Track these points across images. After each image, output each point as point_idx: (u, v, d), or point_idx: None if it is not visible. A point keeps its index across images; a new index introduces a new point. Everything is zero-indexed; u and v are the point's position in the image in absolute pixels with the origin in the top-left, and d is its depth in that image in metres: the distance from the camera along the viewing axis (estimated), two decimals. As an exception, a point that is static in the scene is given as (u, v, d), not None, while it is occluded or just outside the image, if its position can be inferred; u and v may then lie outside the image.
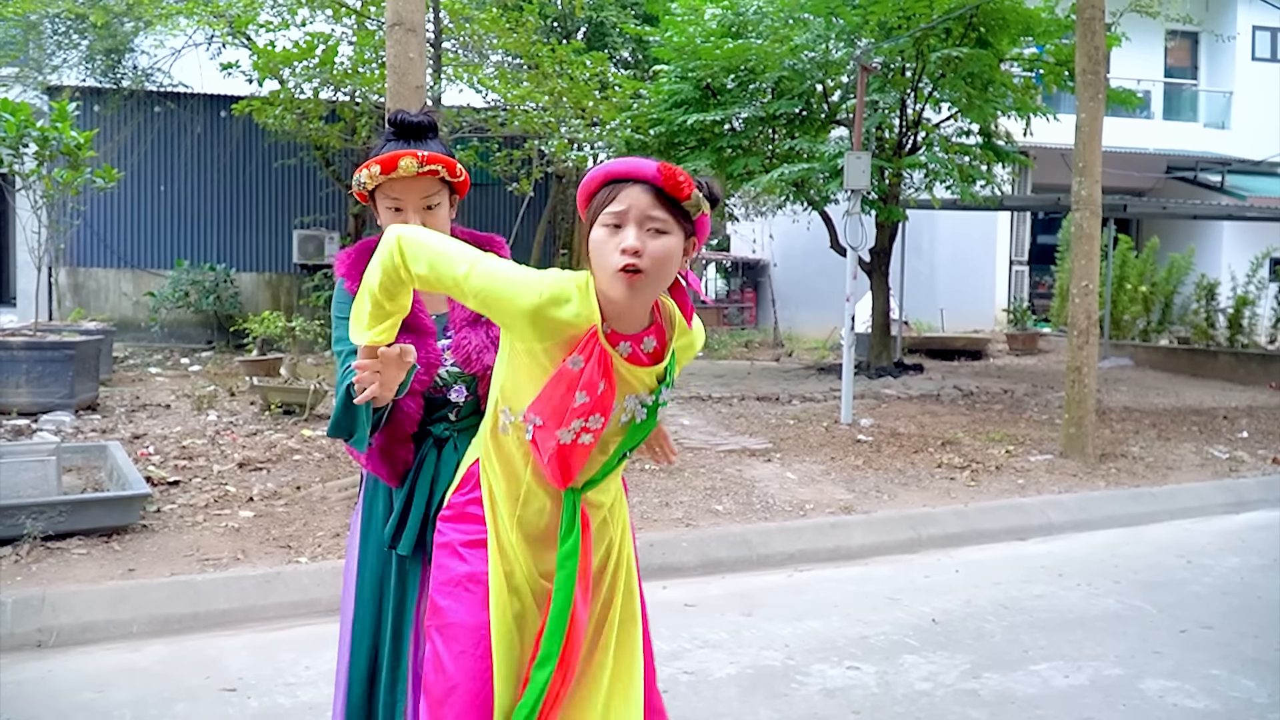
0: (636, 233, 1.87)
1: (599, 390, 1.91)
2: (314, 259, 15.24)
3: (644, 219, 1.88)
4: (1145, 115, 21.43)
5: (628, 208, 1.88)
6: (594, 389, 1.90)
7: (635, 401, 1.99)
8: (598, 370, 1.91)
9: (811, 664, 4.06)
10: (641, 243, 1.86)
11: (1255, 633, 4.50)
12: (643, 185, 1.89)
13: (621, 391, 1.96)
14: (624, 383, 1.97)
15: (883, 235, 13.38)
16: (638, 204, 1.88)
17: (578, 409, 1.91)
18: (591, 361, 1.90)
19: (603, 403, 1.93)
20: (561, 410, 1.92)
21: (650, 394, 2.01)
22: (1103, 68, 8.01)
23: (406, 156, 2.29)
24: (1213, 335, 15.29)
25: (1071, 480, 7.34)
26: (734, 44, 11.74)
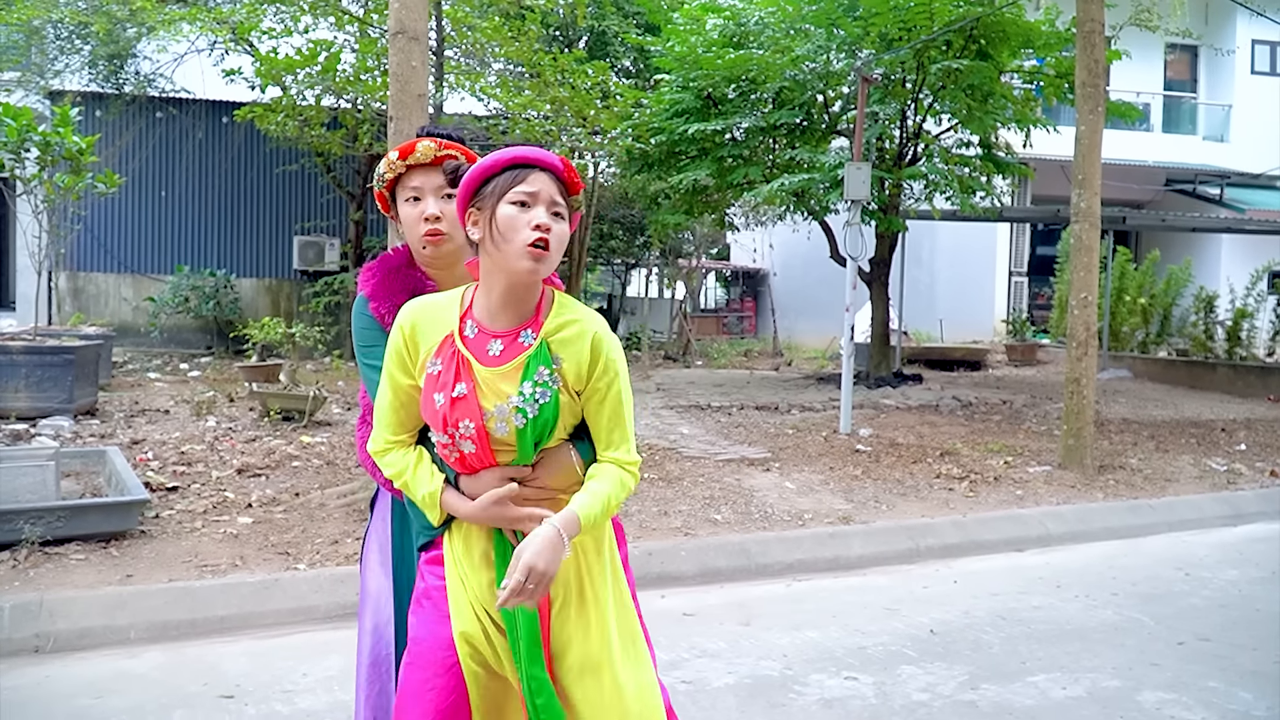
0: (545, 213, 2.02)
1: (454, 392, 2.00)
2: (314, 265, 15.24)
3: (550, 202, 2.03)
4: (1144, 128, 21.48)
5: (539, 190, 2.03)
6: (448, 389, 2.00)
7: (503, 409, 2.02)
8: (451, 371, 2.02)
9: (809, 674, 4.06)
10: (550, 222, 2.02)
11: (1253, 645, 4.50)
12: (549, 173, 2.06)
13: (484, 396, 2.02)
14: (481, 386, 2.02)
15: (882, 245, 13.40)
16: (546, 189, 2.03)
17: (438, 412, 2.01)
18: (447, 363, 2.03)
19: (465, 405, 2.00)
20: (432, 415, 2.04)
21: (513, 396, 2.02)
22: (1102, 80, 8.03)
23: (424, 140, 2.34)
24: (1211, 348, 15.30)
25: (1070, 491, 7.34)
26: (735, 54, 11.77)
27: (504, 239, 2.00)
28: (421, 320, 2.09)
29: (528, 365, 2.02)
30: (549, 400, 2.02)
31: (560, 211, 2.05)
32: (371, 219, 14.97)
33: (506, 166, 2.05)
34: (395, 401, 2.11)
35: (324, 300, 14.37)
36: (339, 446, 7.57)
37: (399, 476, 2.13)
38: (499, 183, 2.04)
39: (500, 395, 2.01)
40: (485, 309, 2.08)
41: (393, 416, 2.13)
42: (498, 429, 2.02)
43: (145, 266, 15.36)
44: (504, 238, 2.00)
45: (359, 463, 2.54)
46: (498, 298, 2.06)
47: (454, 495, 2.09)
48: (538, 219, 2.00)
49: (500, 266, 2.02)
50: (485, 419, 2.01)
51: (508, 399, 2.01)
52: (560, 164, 2.07)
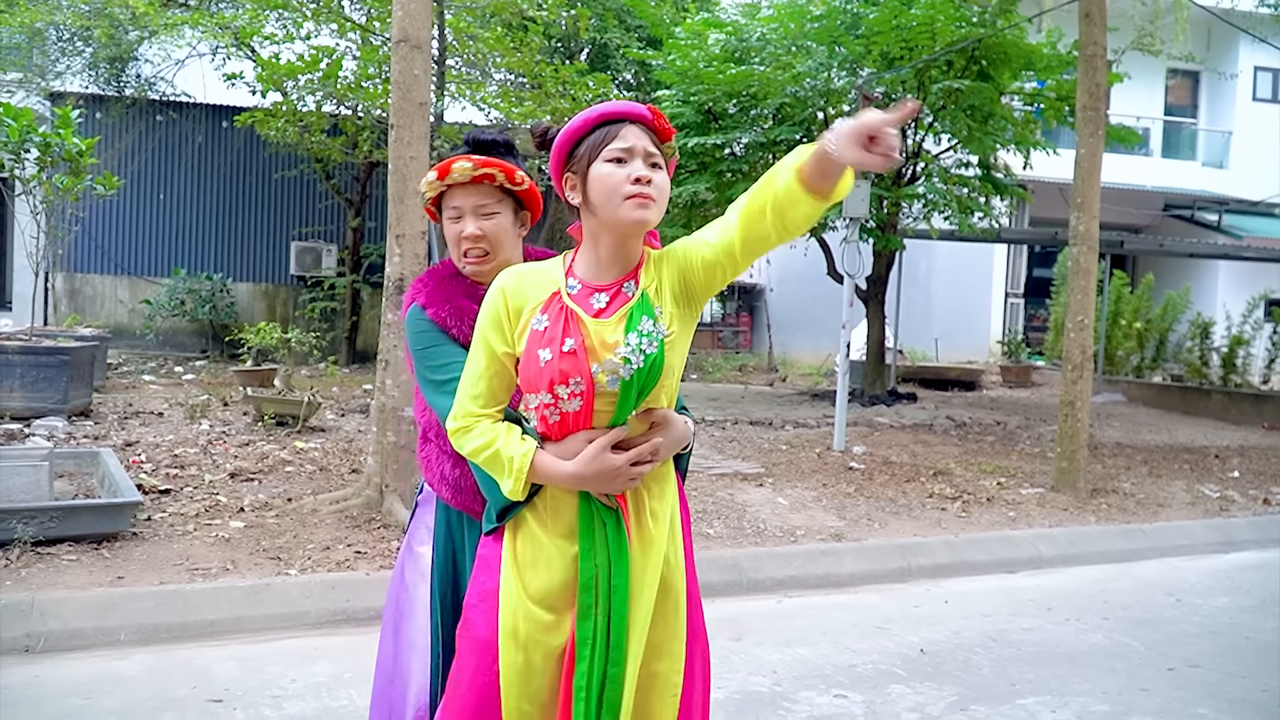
0: (643, 165, 1.99)
1: (565, 347, 1.95)
2: (311, 271, 15.24)
3: (645, 154, 2.00)
4: (1144, 153, 21.55)
5: (632, 145, 1.99)
6: (556, 345, 1.96)
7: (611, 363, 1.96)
8: (559, 325, 1.97)
9: (799, 691, 4.05)
10: (650, 173, 1.99)
11: (1242, 673, 4.50)
12: (640, 125, 2.02)
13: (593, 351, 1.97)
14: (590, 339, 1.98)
15: (880, 264, 13.43)
16: (640, 142, 2.00)
17: (545, 370, 1.95)
18: (554, 319, 1.98)
19: (574, 359, 1.95)
20: (537, 374, 1.97)
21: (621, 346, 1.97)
22: (1103, 104, 8.07)
23: (461, 160, 2.31)
24: (1206, 374, 15.33)
25: (1062, 514, 7.35)
26: (736, 69, 11.81)
27: (606, 198, 1.98)
28: (523, 281, 2.06)
29: (631, 315, 1.98)
30: (655, 350, 1.97)
31: (657, 161, 2.02)
32: (370, 226, 14.98)
33: (596, 125, 2.02)
34: (489, 370, 2.05)
35: (320, 306, 14.37)
36: (332, 452, 7.56)
37: (486, 448, 2.03)
38: (590, 142, 2.02)
39: (608, 348, 1.97)
40: (590, 266, 2.05)
41: (484, 386, 2.05)
42: (608, 383, 1.97)
43: (142, 269, 15.34)
44: (606, 197, 1.98)
45: (425, 481, 2.47)
46: (606, 254, 2.03)
47: (549, 459, 2.00)
48: (636, 172, 1.97)
49: (607, 226, 2.00)
50: (594, 372, 1.96)
51: (615, 350, 1.96)
52: (649, 112, 2.04)
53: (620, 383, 1.96)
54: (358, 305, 14.97)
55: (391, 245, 5.89)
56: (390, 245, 5.90)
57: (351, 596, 4.73)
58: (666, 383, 2.03)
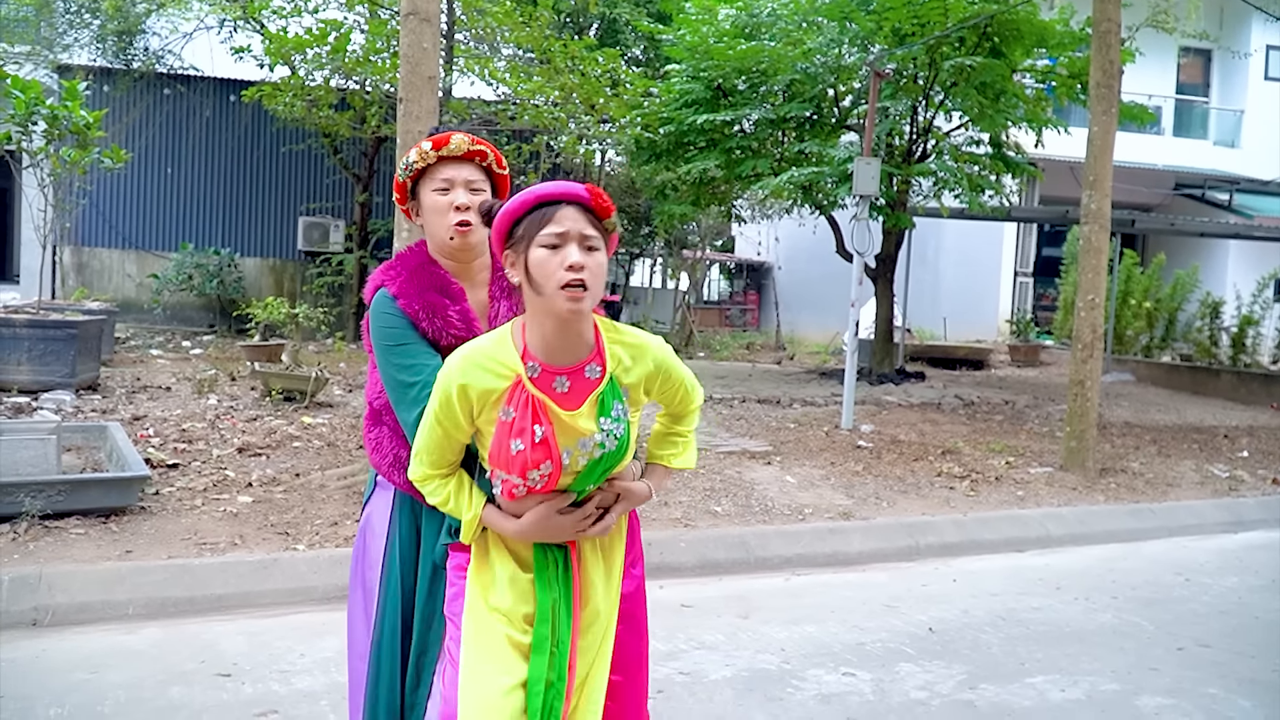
0: (579, 250, 1.97)
1: (536, 437, 1.98)
2: (319, 246, 15.22)
3: (581, 238, 1.98)
4: (1155, 131, 21.38)
5: (567, 229, 1.98)
6: (528, 436, 1.98)
7: (587, 444, 2.03)
8: (527, 416, 1.99)
9: (807, 669, 4.05)
10: (584, 259, 1.97)
11: (1252, 652, 4.49)
12: (577, 206, 2.01)
13: (561, 436, 2.01)
14: (559, 427, 2.01)
15: (889, 242, 13.35)
16: (575, 225, 1.98)
17: (516, 458, 1.99)
18: (520, 409, 2.00)
19: (545, 448, 1.98)
20: (508, 461, 2.01)
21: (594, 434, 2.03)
22: (1116, 82, 7.99)
23: (459, 134, 2.36)
24: (1216, 354, 15.26)
25: (1071, 494, 7.33)
26: (746, 45, 11.72)
27: (540, 284, 1.97)
28: (477, 371, 2.03)
29: (602, 402, 2.03)
30: (624, 433, 2.05)
31: (593, 244, 2.00)
32: (377, 201, 14.94)
33: (533, 206, 2.01)
34: (444, 444, 2.09)
35: (327, 281, 14.35)
36: (340, 428, 7.56)
37: (444, 503, 2.14)
38: (528, 225, 2.00)
39: (578, 433, 2.01)
40: (543, 347, 2.04)
41: (438, 455, 2.11)
42: (578, 463, 2.03)
43: (150, 243, 15.34)
44: (540, 283, 1.97)
45: (372, 465, 2.49)
46: (553, 337, 2.02)
47: (497, 516, 2.11)
48: (570, 259, 1.95)
49: (544, 310, 1.99)
50: (564, 458, 2.01)
51: (590, 435, 2.02)
52: (586, 193, 2.02)
53: (589, 462, 2.04)
54: (365, 281, 14.93)
55: (399, 220, 5.86)
56: (398, 220, 5.87)
57: (359, 572, 4.72)
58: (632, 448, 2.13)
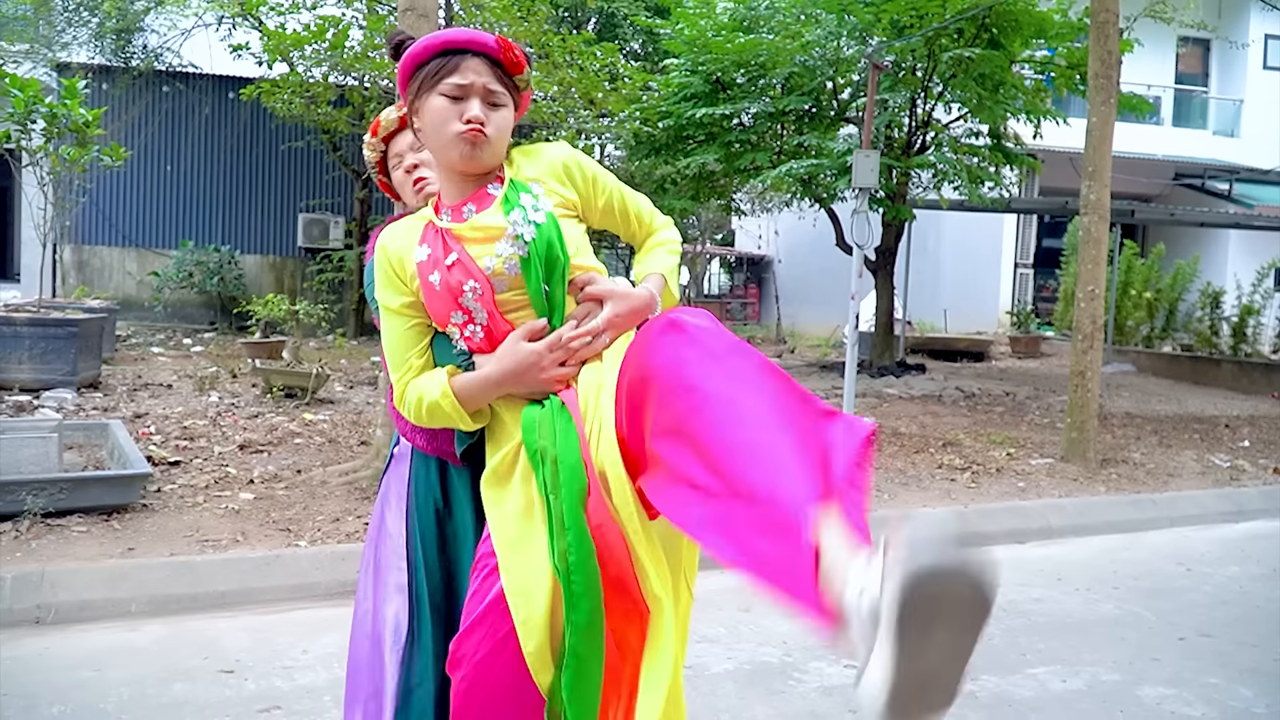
0: (481, 105, 1.90)
1: (448, 260, 1.89)
2: (319, 243, 15.23)
3: (486, 92, 1.91)
4: (1155, 121, 21.37)
5: (470, 81, 1.90)
6: (441, 264, 1.90)
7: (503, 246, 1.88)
8: (438, 246, 1.91)
9: (809, 662, 4.05)
10: (484, 115, 1.89)
11: (1254, 642, 4.49)
12: (483, 58, 1.92)
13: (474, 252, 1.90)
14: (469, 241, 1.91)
15: (888, 234, 13.35)
16: (480, 78, 1.91)
17: (442, 291, 1.89)
18: (432, 243, 1.93)
19: (461, 266, 1.89)
20: (440, 299, 1.91)
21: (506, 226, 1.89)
22: (1115, 72, 7.98)
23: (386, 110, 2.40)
24: (1216, 343, 15.26)
25: (1072, 485, 7.33)
26: (745, 39, 11.71)
27: (434, 134, 1.91)
28: (398, 231, 2.01)
29: (506, 200, 1.91)
30: (544, 219, 1.89)
31: (498, 100, 1.92)
32: (377, 197, 14.93)
33: (436, 53, 1.92)
34: (402, 333, 2.00)
35: (328, 278, 14.36)
36: (341, 424, 7.57)
37: (420, 404, 1.96)
38: (428, 71, 1.91)
39: (490, 233, 1.89)
40: (449, 193, 1.99)
41: (404, 353, 2.00)
42: (506, 269, 1.88)
43: (150, 241, 15.34)
44: (434, 133, 1.91)
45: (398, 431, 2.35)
46: (454, 186, 1.97)
47: (467, 376, 1.93)
48: (469, 112, 1.88)
49: (442, 159, 1.95)
50: (488, 271, 1.89)
51: (502, 234, 1.88)
52: (495, 43, 1.92)
53: (520, 263, 1.88)
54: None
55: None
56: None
57: (361, 567, 4.74)
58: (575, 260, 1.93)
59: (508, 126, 1.95)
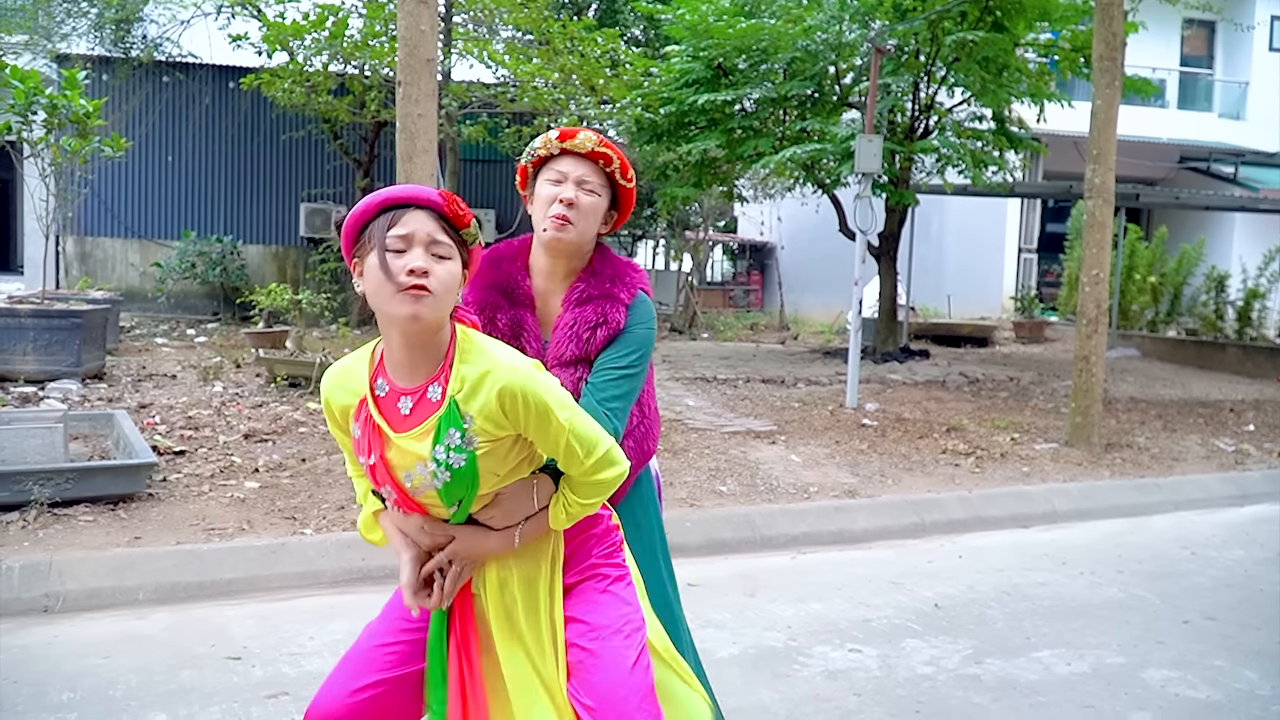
0: (423, 255, 1.85)
1: (370, 459, 1.93)
2: (321, 232, 15.21)
3: (429, 243, 1.86)
4: (1159, 104, 21.26)
5: (412, 232, 1.86)
6: (367, 456, 1.94)
7: (423, 468, 1.90)
8: (365, 439, 1.94)
9: (814, 646, 4.06)
10: (428, 264, 1.84)
11: (1258, 625, 4.50)
12: (427, 211, 1.89)
13: (395, 460, 1.92)
14: (393, 450, 1.92)
15: (892, 220, 13.33)
16: (423, 228, 1.86)
17: (371, 471, 1.96)
18: (363, 429, 1.95)
19: (383, 470, 1.93)
20: (370, 474, 1.98)
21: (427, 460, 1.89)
22: (1120, 54, 7.95)
23: (588, 131, 2.31)
24: (1221, 328, 15.24)
25: (1076, 469, 7.33)
26: (746, 23, 11.66)
27: (376, 291, 1.85)
28: (339, 385, 2.00)
29: (438, 429, 1.87)
30: (464, 465, 1.88)
31: (444, 253, 1.87)
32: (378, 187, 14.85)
33: (379, 211, 1.89)
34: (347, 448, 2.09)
35: (330, 267, 14.35)
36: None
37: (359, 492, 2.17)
38: (374, 228, 1.88)
39: (414, 458, 1.90)
40: (392, 363, 1.94)
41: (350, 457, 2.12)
42: (421, 489, 1.93)
43: (152, 232, 15.34)
44: (376, 290, 1.85)
45: None
46: (398, 350, 1.91)
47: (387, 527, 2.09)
48: (411, 263, 1.82)
49: (386, 320, 1.87)
50: (404, 483, 1.93)
51: (425, 462, 1.89)
52: (440, 199, 1.90)
53: (436, 492, 1.93)
54: (368, 266, 14.94)
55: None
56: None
57: (367, 555, 4.75)
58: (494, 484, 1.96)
59: (454, 283, 1.89)
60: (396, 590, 2.10)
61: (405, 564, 2.01)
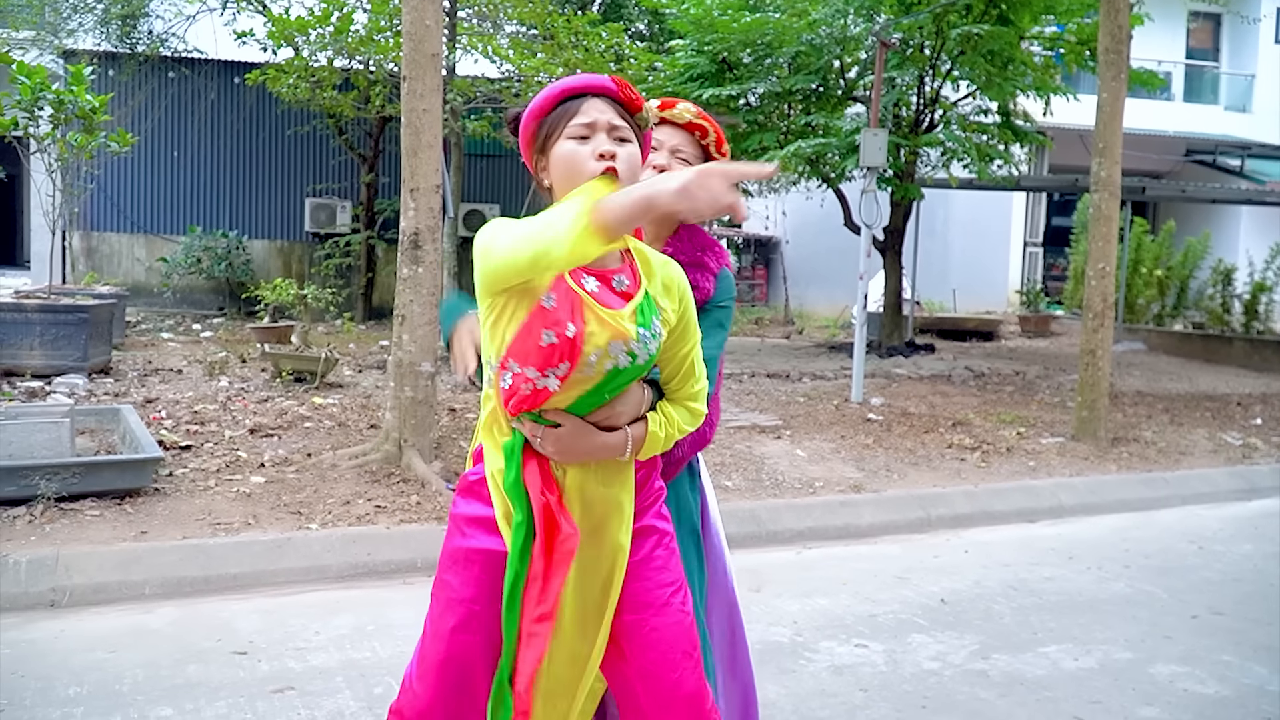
0: (609, 140, 1.92)
1: (567, 331, 1.85)
2: (326, 227, 15.21)
3: (610, 128, 1.93)
4: (1165, 97, 21.20)
5: (594, 119, 1.92)
6: (561, 328, 1.85)
7: (619, 348, 1.89)
8: (566, 309, 1.87)
9: (820, 641, 4.06)
10: (614, 147, 1.91)
11: (1267, 620, 4.48)
12: (604, 98, 1.95)
13: (593, 336, 1.87)
14: (596, 326, 1.88)
15: (897, 214, 13.30)
16: (603, 115, 1.93)
17: (545, 349, 1.86)
18: (561, 299, 1.88)
19: (571, 347, 1.85)
20: (531, 351, 1.87)
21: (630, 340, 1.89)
22: (1125, 47, 7.92)
23: (686, 103, 2.35)
24: (1228, 321, 15.19)
25: (1083, 463, 7.32)
26: (751, 18, 11.64)
27: (569, 178, 1.91)
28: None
29: (641, 311, 1.92)
30: (656, 349, 1.94)
31: (624, 135, 1.94)
32: (384, 181, 14.90)
33: (557, 102, 1.95)
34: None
35: (335, 262, 14.34)
36: (350, 408, 7.58)
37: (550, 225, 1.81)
38: (551, 121, 1.95)
39: (617, 334, 1.88)
40: None
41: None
42: (603, 366, 1.89)
43: (158, 227, 15.35)
44: (569, 177, 1.91)
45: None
46: None
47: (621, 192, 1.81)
48: (600, 147, 1.90)
49: None
50: (589, 357, 1.88)
51: (627, 340, 1.88)
52: (613, 84, 1.95)
53: (613, 369, 1.90)
54: (373, 261, 14.96)
55: (405, 200, 5.85)
56: (404, 200, 5.86)
57: (372, 550, 4.76)
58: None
59: (637, 164, 1.96)
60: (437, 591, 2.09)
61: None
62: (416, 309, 5.85)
